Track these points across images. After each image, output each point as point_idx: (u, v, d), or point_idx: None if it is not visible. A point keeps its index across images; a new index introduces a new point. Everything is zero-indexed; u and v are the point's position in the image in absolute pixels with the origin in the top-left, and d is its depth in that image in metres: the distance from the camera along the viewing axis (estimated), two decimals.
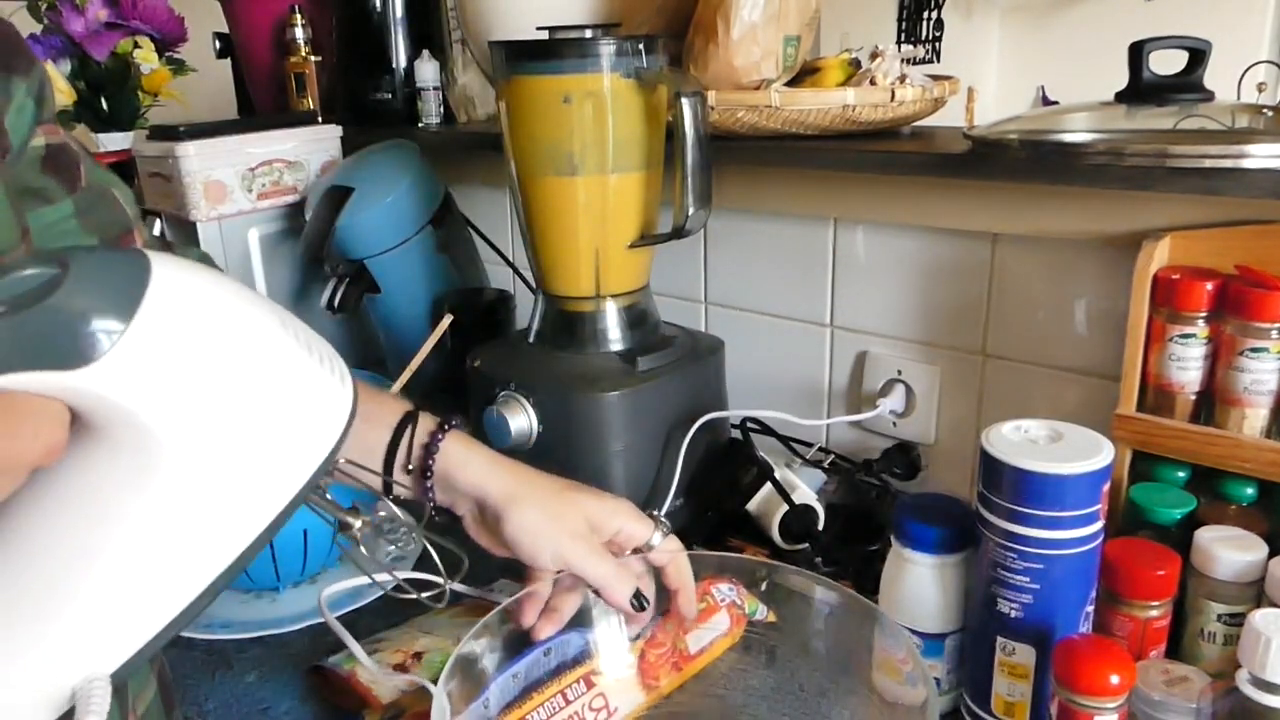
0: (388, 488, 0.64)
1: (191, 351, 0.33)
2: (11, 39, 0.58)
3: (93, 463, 0.34)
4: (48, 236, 0.61)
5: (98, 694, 0.35)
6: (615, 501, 0.64)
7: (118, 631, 0.36)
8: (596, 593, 0.61)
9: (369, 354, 1.27)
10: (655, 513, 0.65)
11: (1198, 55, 0.75)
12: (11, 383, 0.30)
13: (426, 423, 0.65)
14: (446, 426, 0.65)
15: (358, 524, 0.53)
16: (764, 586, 0.66)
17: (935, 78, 0.94)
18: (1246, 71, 1.58)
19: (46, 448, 0.32)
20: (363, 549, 0.53)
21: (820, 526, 0.85)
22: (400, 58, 1.32)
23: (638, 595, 0.60)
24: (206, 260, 0.75)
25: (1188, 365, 0.71)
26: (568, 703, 0.60)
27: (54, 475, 0.34)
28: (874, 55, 0.94)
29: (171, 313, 0.32)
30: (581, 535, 0.62)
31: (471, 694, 0.57)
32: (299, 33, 1.37)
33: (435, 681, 0.53)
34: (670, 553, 0.63)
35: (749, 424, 0.97)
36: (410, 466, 0.64)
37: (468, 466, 0.63)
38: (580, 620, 0.64)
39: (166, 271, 0.32)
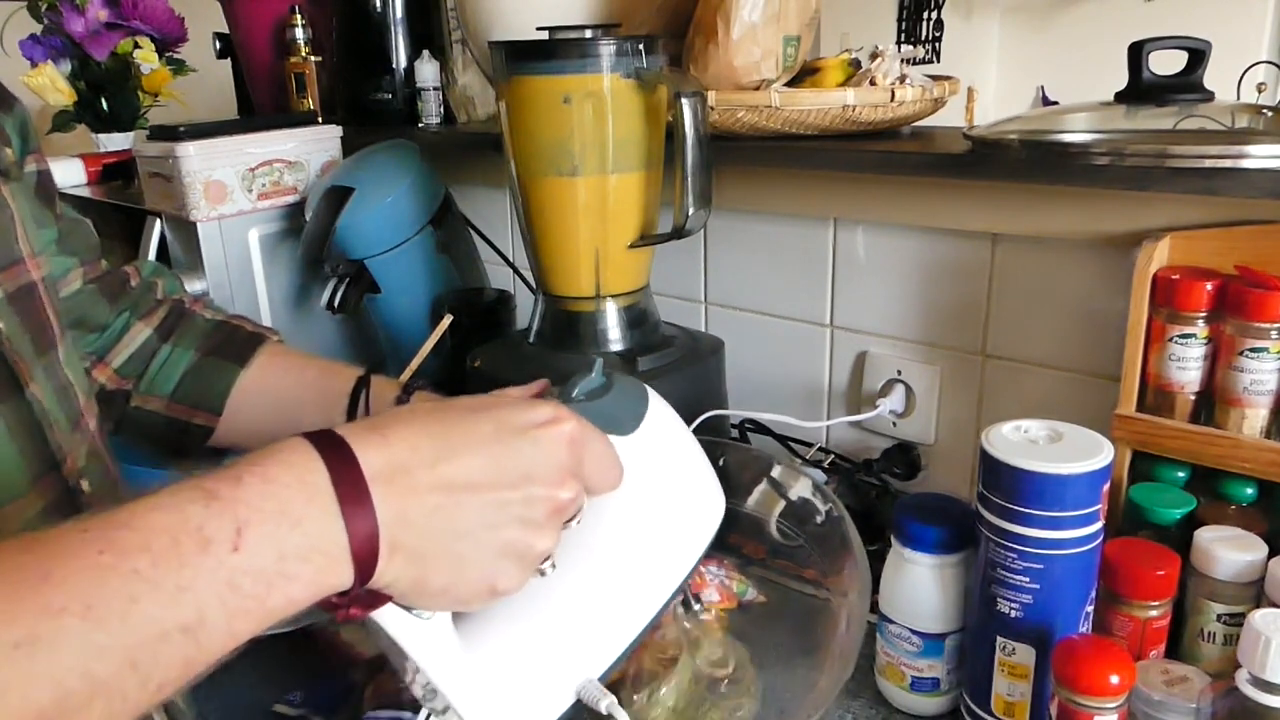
0: None
1: (666, 434, 0.54)
2: None
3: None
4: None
5: (599, 690, 0.49)
6: None
7: (591, 641, 0.49)
8: None
9: (369, 354, 1.27)
10: None
11: (1197, 55, 0.75)
12: None
13: (388, 388, 0.71)
14: (412, 388, 0.71)
15: None
16: (721, 462, 0.70)
17: (935, 78, 0.94)
18: (1246, 71, 1.58)
19: (619, 479, 0.48)
20: None
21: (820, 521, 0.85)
22: (400, 58, 1.32)
23: None
24: (160, 274, 0.79)
25: (1187, 365, 0.71)
26: None
27: None
28: (874, 55, 0.94)
29: (658, 413, 0.53)
30: None
31: None
32: (299, 33, 1.37)
33: None
34: None
35: (748, 425, 0.97)
36: None
37: None
38: None
39: (651, 391, 0.54)
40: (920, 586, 0.65)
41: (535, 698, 0.48)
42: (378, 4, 1.30)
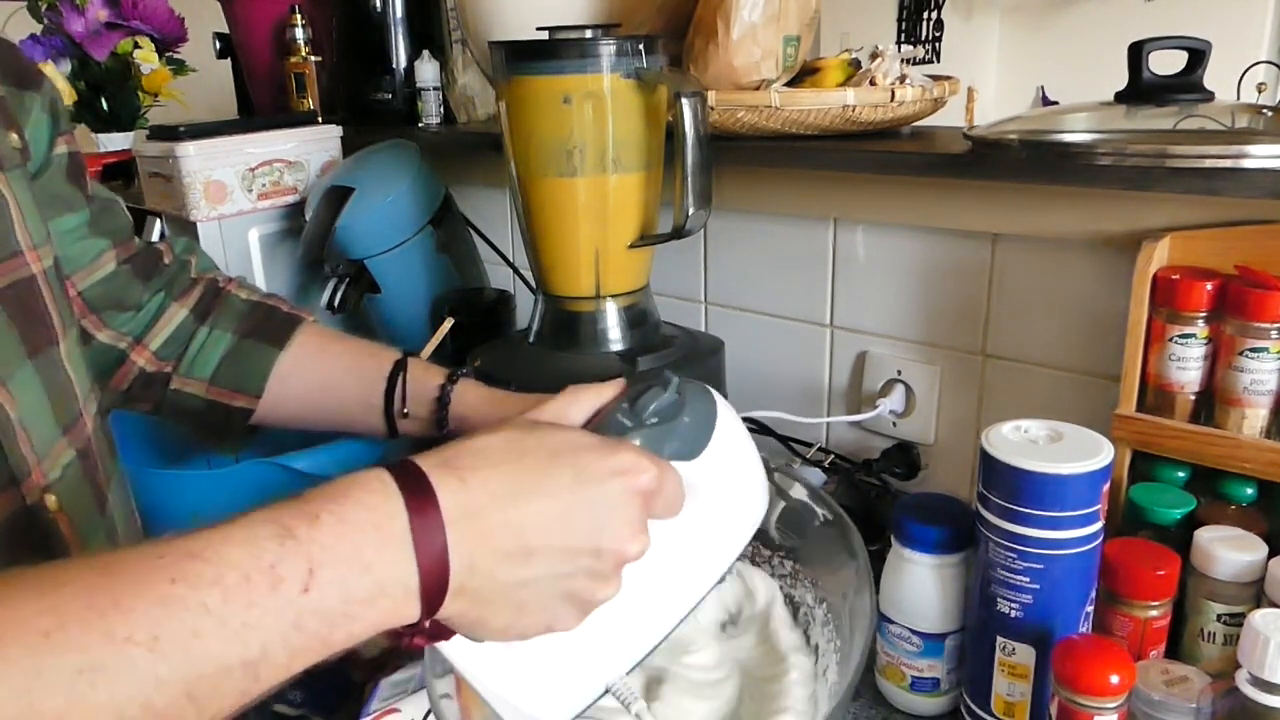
0: (392, 431, 0.73)
1: (728, 447, 0.53)
2: (20, 57, 0.61)
3: None
4: (64, 242, 0.63)
5: (633, 690, 0.50)
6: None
7: (632, 637, 0.49)
8: None
9: None
10: None
11: (1198, 55, 0.75)
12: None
13: (425, 372, 0.72)
14: (456, 376, 0.71)
15: None
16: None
17: (935, 78, 0.94)
18: (1246, 71, 1.58)
19: (679, 510, 0.47)
20: None
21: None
22: (400, 58, 1.32)
23: None
24: (193, 250, 0.78)
25: (1187, 365, 0.71)
26: None
27: None
28: (874, 55, 0.94)
29: (724, 426, 0.52)
30: None
31: None
32: (299, 33, 1.37)
33: None
34: None
35: (747, 424, 0.97)
36: (406, 411, 0.71)
37: (479, 406, 0.70)
38: None
39: (721, 404, 0.53)
40: (920, 586, 0.65)
41: (566, 686, 0.48)
42: (378, 4, 1.30)
